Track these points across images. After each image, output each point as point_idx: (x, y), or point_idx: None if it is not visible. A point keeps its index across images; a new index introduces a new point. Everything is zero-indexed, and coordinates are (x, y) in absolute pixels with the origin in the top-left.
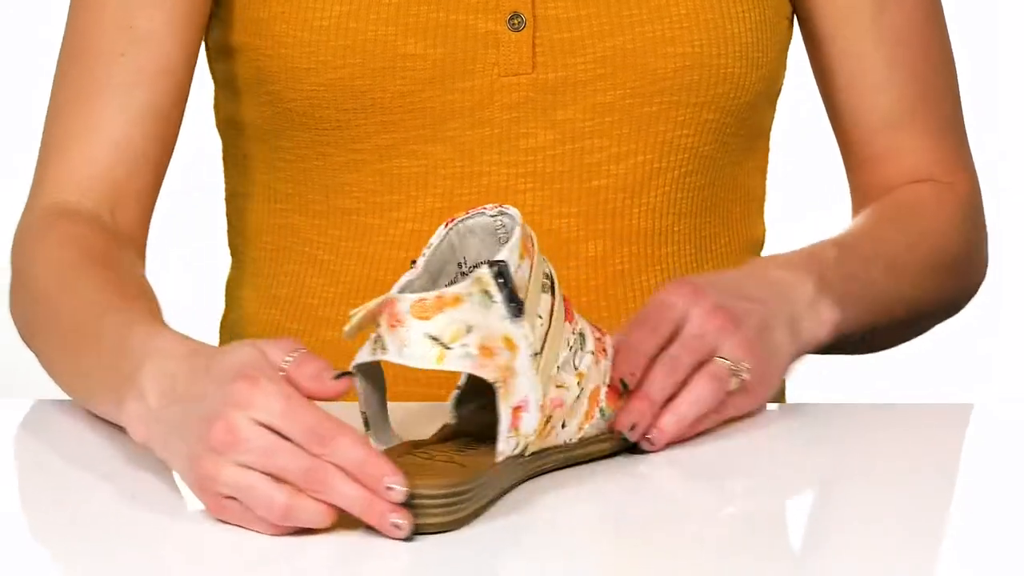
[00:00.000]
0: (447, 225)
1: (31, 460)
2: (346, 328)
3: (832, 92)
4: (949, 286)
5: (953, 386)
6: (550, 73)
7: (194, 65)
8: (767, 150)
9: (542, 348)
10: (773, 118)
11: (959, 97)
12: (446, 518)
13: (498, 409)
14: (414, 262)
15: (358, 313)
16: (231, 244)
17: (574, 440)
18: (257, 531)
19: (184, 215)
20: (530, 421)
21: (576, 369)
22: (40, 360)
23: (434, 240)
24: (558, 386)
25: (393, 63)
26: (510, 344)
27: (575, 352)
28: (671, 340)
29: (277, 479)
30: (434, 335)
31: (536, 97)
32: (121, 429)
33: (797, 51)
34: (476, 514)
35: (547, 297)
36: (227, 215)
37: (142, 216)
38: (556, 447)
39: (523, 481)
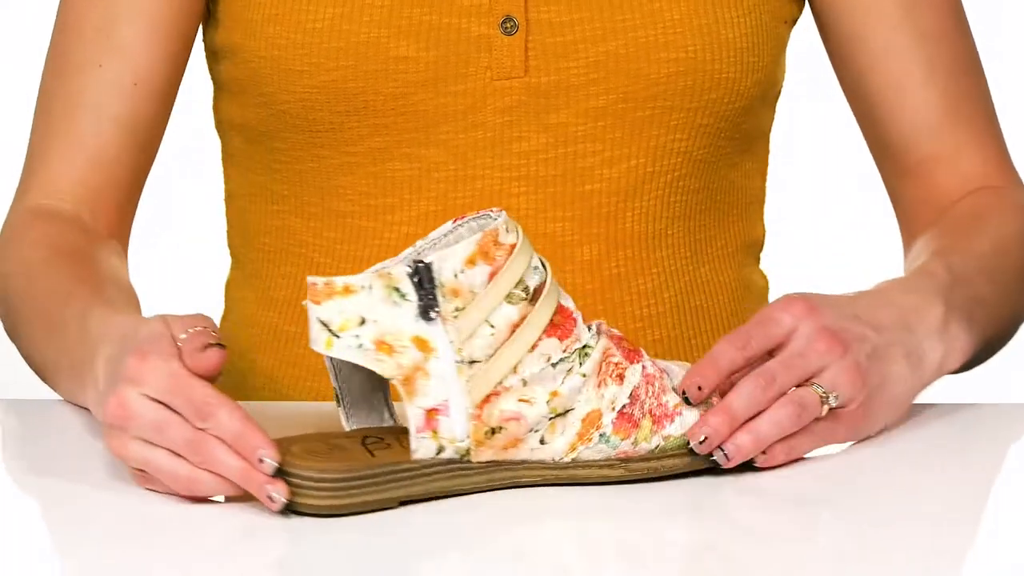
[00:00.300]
0: (456, 221)
1: (20, 460)
2: (304, 303)
3: (868, 97)
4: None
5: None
6: (543, 77)
7: (180, 72)
8: (766, 152)
9: (489, 357)
10: (772, 120)
11: (992, 100)
12: (321, 501)
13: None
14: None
15: None
16: (230, 245)
17: (564, 460)
18: (177, 496)
19: (187, 215)
20: (452, 426)
21: (554, 387)
22: (23, 357)
23: (436, 233)
24: (521, 400)
25: (386, 66)
26: (423, 345)
27: (566, 371)
28: (770, 356)
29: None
30: (323, 320)
31: (529, 101)
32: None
33: (797, 53)
34: (378, 504)
35: (512, 308)
36: (226, 216)
37: (122, 216)
38: (536, 462)
39: (490, 490)
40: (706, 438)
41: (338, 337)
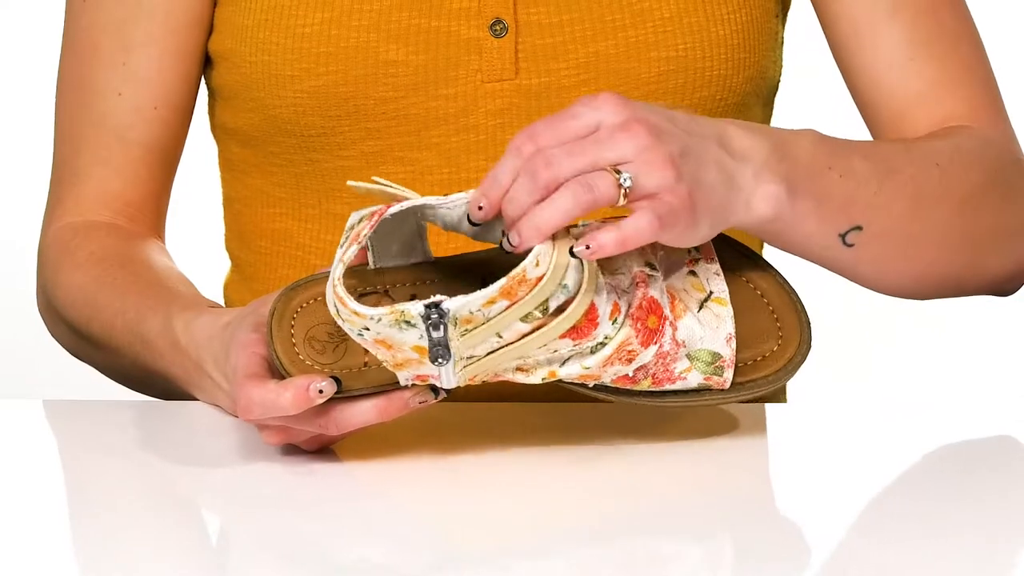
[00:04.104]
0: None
1: (39, 461)
2: (357, 183)
3: (842, 48)
4: (983, 233)
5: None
6: (533, 79)
7: (197, 87)
8: None
9: (489, 354)
10: (770, 117)
11: (982, 48)
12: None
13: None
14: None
15: (378, 188)
16: (228, 248)
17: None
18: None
19: (185, 217)
20: (442, 385)
21: (554, 369)
22: (99, 370)
23: (454, 198)
24: (519, 369)
25: (376, 70)
26: (422, 351)
27: (568, 358)
28: None
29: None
30: (334, 301)
31: (520, 103)
32: (131, 429)
33: (794, 49)
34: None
35: (526, 324)
36: (224, 219)
37: (159, 224)
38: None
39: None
40: (482, 208)
41: (343, 320)
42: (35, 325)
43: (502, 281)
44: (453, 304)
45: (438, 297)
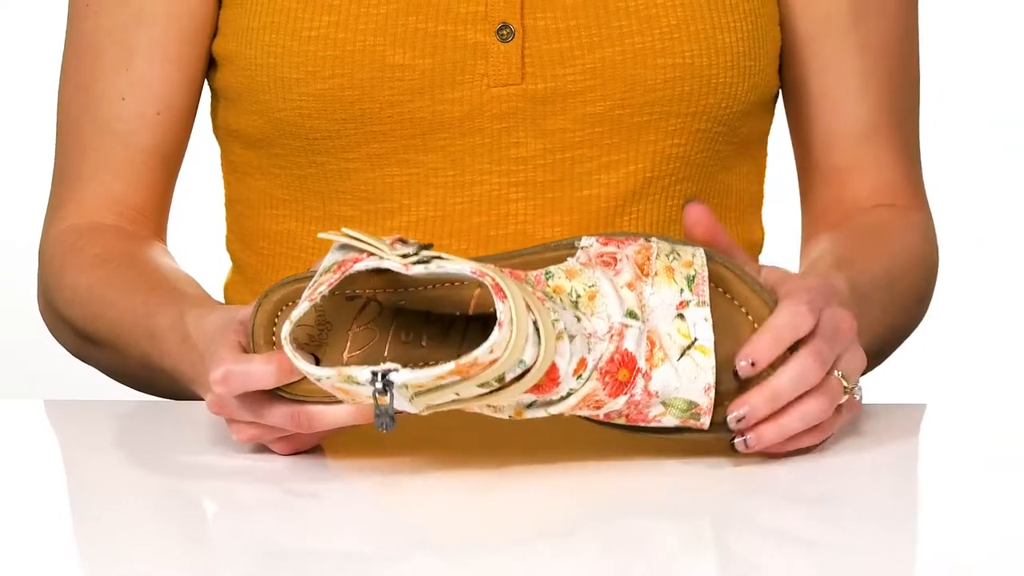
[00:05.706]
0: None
1: (39, 461)
2: (327, 234)
3: (805, 101)
4: (915, 317)
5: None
6: (539, 84)
7: (199, 91)
8: (764, 154)
9: (449, 403)
10: (771, 122)
11: (919, 122)
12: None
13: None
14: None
15: (346, 241)
16: (229, 249)
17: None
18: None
19: (184, 217)
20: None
21: (520, 409)
22: (102, 371)
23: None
24: (488, 405)
25: (382, 73)
26: (381, 399)
27: (532, 403)
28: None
29: None
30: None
31: (526, 107)
32: (131, 428)
33: None
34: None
35: (483, 390)
36: (226, 220)
37: (160, 222)
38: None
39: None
40: (744, 417)
41: (297, 360)
42: (35, 325)
43: (450, 365)
44: (400, 378)
45: (387, 366)
